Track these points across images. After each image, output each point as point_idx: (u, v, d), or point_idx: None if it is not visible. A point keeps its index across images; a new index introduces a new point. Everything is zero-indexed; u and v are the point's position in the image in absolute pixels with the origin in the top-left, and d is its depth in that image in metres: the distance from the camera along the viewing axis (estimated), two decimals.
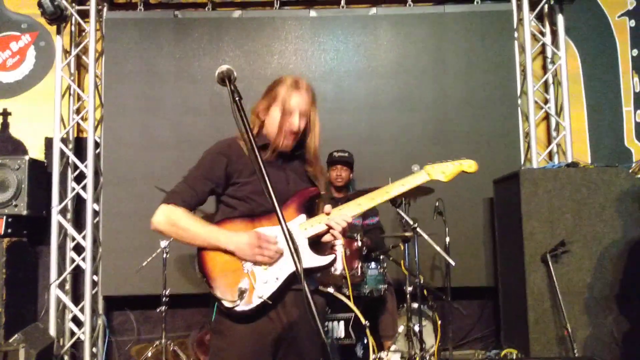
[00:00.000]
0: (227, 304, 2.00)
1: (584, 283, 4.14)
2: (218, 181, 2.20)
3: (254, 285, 2.02)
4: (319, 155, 2.33)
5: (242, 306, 2.01)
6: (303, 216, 2.16)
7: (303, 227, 2.13)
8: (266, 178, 1.68)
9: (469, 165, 2.47)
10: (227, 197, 2.22)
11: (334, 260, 2.15)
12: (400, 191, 2.24)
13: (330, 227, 2.11)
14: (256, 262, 2.04)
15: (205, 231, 2.10)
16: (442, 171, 2.40)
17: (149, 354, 4.39)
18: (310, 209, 2.24)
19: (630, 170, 4.48)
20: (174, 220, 2.11)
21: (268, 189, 1.67)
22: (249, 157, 2.13)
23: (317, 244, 2.17)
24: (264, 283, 2.03)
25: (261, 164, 1.67)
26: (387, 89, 5.28)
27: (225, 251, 2.06)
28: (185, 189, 2.18)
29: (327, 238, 2.15)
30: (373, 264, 4.09)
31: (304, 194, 2.22)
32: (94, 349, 5.04)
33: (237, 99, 1.77)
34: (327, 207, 2.16)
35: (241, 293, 2.00)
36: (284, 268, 2.06)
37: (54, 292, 4.96)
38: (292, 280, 2.07)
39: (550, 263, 4.06)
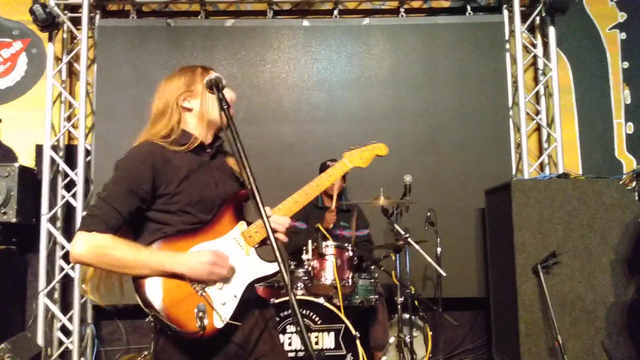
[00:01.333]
0: (190, 335, 1.80)
1: (575, 294, 4.13)
2: (144, 195, 1.90)
3: (213, 308, 1.85)
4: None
5: (207, 335, 1.82)
6: (243, 223, 2.01)
7: (247, 234, 1.99)
8: (258, 199, 1.65)
9: (380, 149, 2.46)
10: (155, 213, 1.94)
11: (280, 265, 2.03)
12: (328, 182, 2.19)
13: (274, 230, 1.96)
14: (211, 281, 1.86)
15: (145, 257, 1.81)
16: (360, 157, 2.35)
17: None
18: (242, 212, 2.07)
19: (620, 182, 4.50)
20: (104, 250, 1.79)
21: (256, 201, 1.65)
22: (175, 161, 1.97)
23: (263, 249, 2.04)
24: (223, 304, 1.87)
25: (250, 172, 1.64)
26: (379, 98, 5.29)
27: (171, 276, 1.83)
28: (108, 211, 1.84)
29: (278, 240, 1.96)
30: (364, 274, 4.07)
31: (236, 198, 2.04)
32: (83, 359, 4.98)
33: (225, 107, 1.75)
34: (267, 209, 2.00)
35: (201, 319, 1.78)
36: (240, 283, 1.92)
37: (43, 300, 4.91)
38: (247, 294, 1.94)
39: (541, 274, 4.06)
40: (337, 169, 2.26)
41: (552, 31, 5.32)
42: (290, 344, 3.46)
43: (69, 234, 5.15)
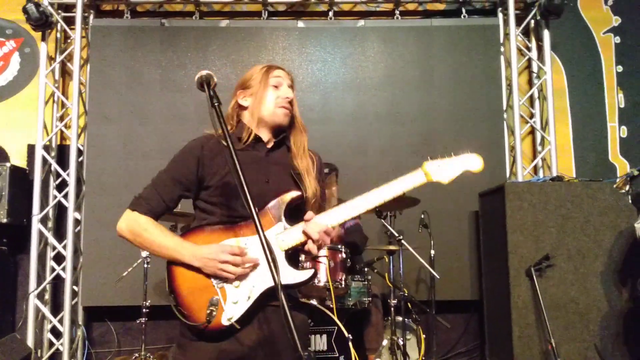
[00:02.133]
0: (194, 325, 1.87)
1: (568, 297, 4.13)
2: (189, 185, 2.03)
3: (223, 305, 1.86)
4: (307, 147, 2.18)
5: (210, 329, 1.86)
6: (281, 224, 1.95)
7: (280, 237, 1.93)
8: (245, 188, 1.61)
9: (473, 163, 2.13)
10: (202, 202, 2.04)
11: (314, 275, 1.94)
12: (396, 195, 2.02)
13: (308, 237, 1.90)
14: (220, 278, 1.88)
15: (169, 245, 1.93)
16: (445, 170, 2.08)
17: None
18: (294, 214, 1.99)
19: (614, 185, 4.50)
20: (137, 230, 1.97)
21: (247, 198, 1.61)
22: (219, 151, 2.00)
23: (297, 255, 2.03)
24: (234, 303, 1.86)
25: (239, 170, 1.62)
26: (374, 101, 5.28)
27: (191, 266, 1.91)
28: (153, 195, 2.01)
29: (307, 249, 1.94)
30: (357, 276, 4.05)
31: (284, 199, 1.99)
32: None
33: (215, 104, 1.73)
34: (309, 214, 1.94)
35: (210, 313, 1.83)
36: (257, 285, 1.88)
37: (33, 301, 4.86)
38: (265, 298, 1.90)
39: (534, 277, 4.05)
40: (409, 182, 2.05)
41: (546, 34, 5.33)
42: None
43: (60, 235, 5.12)
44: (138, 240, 1.98)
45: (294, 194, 2.01)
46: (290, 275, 1.90)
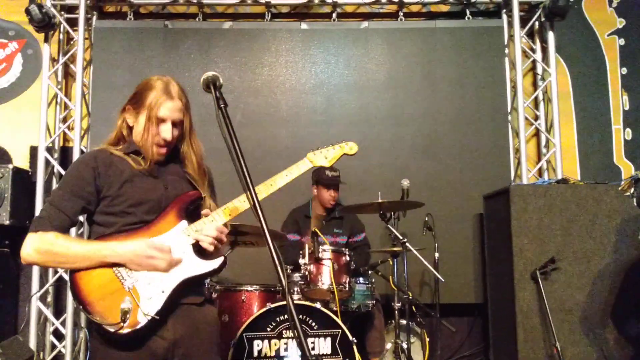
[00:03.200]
0: (110, 329, 1.82)
1: (574, 300, 4.09)
2: (89, 197, 2.00)
3: (137, 303, 1.87)
4: (202, 163, 2.21)
5: (127, 328, 1.83)
6: (184, 222, 2.02)
7: (186, 233, 2.00)
8: (253, 192, 1.61)
9: (350, 147, 2.37)
10: (100, 215, 2.02)
11: (224, 262, 2.02)
12: (284, 181, 2.13)
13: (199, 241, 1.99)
14: (153, 269, 1.90)
15: (87, 249, 1.90)
16: (325, 156, 2.29)
17: None
18: (194, 214, 2.08)
19: (619, 188, 4.48)
20: (46, 247, 1.89)
21: (254, 202, 1.60)
22: (118, 165, 2.05)
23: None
24: (149, 299, 1.88)
25: (246, 174, 1.61)
26: (377, 103, 5.26)
27: (110, 265, 1.89)
28: (53, 212, 1.95)
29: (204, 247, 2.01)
30: (361, 279, 4.02)
31: (183, 198, 2.07)
32: None
33: (222, 105, 1.71)
34: (206, 210, 2.05)
35: (124, 314, 1.81)
36: (170, 279, 1.93)
37: (35, 304, 4.85)
38: (179, 292, 1.95)
39: (539, 280, 4.02)
40: (297, 168, 2.21)
41: (551, 36, 5.31)
42: (286, 349, 3.41)
43: None
44: (50, 258, 1.92)
45: (194, 193, 2.11)
46: (201, 266, 1.98)
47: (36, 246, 1.89)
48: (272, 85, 5.26)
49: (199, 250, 2.01)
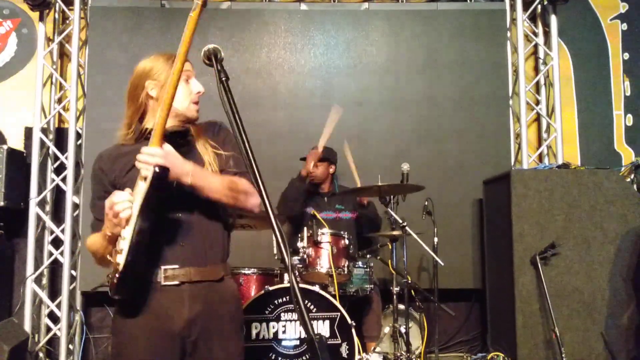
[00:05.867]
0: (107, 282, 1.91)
1: (573, 286, 4.08)
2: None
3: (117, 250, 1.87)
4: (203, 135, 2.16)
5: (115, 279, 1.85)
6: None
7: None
8: (255, 168, 1.56)
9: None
10: None
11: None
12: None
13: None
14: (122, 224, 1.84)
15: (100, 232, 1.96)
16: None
17: None
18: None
19: (620, 174, 4.45)
20: (89, 246, 2.05)
21: (256, 178, 1.55)
22: (127, 153, 2.02)
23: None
24: (119, 253, 1.86)
25: (249, 149, 1.56)
26: (377, 85, 5.20)
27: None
28: (95, 223, 2.07)
29: None
30: (360, 263, 4.00)
31: None
32: (71, 346, 4.89)
33: (223, 78, 1.65)
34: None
35: (114, 270, 1.86)
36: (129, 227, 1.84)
37: (30, 286, 4.80)
38: (197, 270, 1.96)
39: (539, 265, 4.00)
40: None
41: (553, 20, 5.25)
42: (284, 332, 3.39)
43: (58, 219, 5.05)
44: (98, 253, 2.01)
45: None
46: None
47: (89, 249, 2.08)
48: (270, 67, 5.19)
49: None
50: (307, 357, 3.35)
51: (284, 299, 3.42)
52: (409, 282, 4.16)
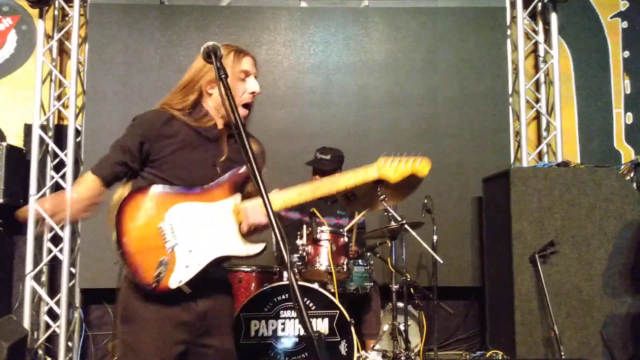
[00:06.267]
0: (140, 283, 1.86)
1: (572, 284, 4.08)
2: (133, 156, 2.02)
3: (174, 267, 1.86)
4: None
5: (157, 291, 1.86)
6: (238, 196, 2.00)
7: (236, 209, 1.96)
8: (254, 166, 1.55)
9: (422, 167, 2.18)
10: (149, 175, 2.03)
11: (264, 249, 1.99)
12: (344, 185, 2.03)
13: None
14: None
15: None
16: (395, 169, 2.14)
17: None
18: (241, 188, 2.07)
19: (620, 172, 4.45)
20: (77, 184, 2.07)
21: (255, 176, 1.55)
22: (178, 132, 2.00)
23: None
24: (185, 267, 1.88)
25: (248, 146, 1.57)
26: (377, 83, 5.20)
27: (147, 226, 1.90)
28: (106, 159, 2.06)
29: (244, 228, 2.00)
30: (359, 261, 3.99)
31: (242, 173, 2.04)
32: (70, 343, 4.89)
33: (222, 76, 1.65)
34: (274, 191, 2.02)
35: (159, 274, 1.83)
36: (209, 253, 1.91)
37: (29, 283, 4.80)
38: (212, 267, 1.94)
39: (538, 263, 4.00)
40: (361, 174, 2.09)
41: (554, 18, 5.24)
42: (283, 330, 3.39)
43: None
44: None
45: (244, 171, 2.06)
46: (241, 247, 1.95)
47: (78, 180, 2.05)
48: (270, 64, 5.18)
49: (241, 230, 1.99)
50: (306, 354, 3.35)
51: (283, 297, 3.42)
52: (408, 279, 4.15)
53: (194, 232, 1.91)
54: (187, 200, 1.93)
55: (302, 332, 3.39)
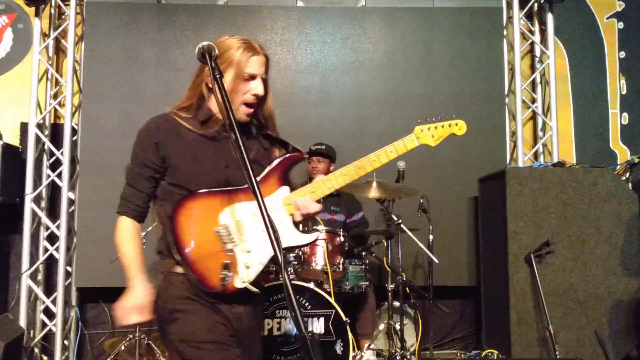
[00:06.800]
0: (207, 288, 1.85)
1: (568, 284, 4.10)
2: (157, 167, 1.98)
3: (236, 269, 1.86)
4: (275, 121, 2.18)
5: (226, 292, 1.86)
6: (286, 188, 1.99)
7: (286, 201, 1.96)
8: (247, 165, 1.56)
9: (459, 127, 2.30)
10: (169, 182, 2.00)
11: (317, 238, 2.01)
12: (387, 158, 2.09)
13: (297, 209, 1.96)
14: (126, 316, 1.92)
15: (126, 263, 2.00)
16: (432, 134, 2.21)
17: (122, 348, 4.26)
18: (287, 177, 2.06)
19: (615, 172, 4.46)
20: (117, 241, 2.01)
21: (249, 173, 1.56)
22: (185, 135, 1.98)
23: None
24: (247, 268, 1.87)
25: (241, 145, 1.56)
26: (373, 83, 5.20)
27: (203, 233, 1.88)
28: (129, 192, 2.01)
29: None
30: (355, 260, 4.00)
31: (286, 161, 2.03)
32: (66, 342, 4.89)
33: (217, 76, 1.65)
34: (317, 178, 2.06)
35: (223, 278, 1.83)
36: (267, 250, 1.88)
37: (26, 282, 4.79)
38: (271, 262, 1.95)
39: (534, 263, 4.01)
40: (400, 146, 2.12)
41: (550, 18, 5.25)
42: (279, 329, 3.40)
43: (53, 215, 5.04)
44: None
45: (299, 155, 2.08)
46: (296, 238, 1.96)
47: (117, 230, 2.01)
48: None
49: (294, 220, 1.99)
50: (301, 353, 3.36)
51: (279, 296, 3.43)
52: (404, 279, 4.17)
53: (249, 231, 1.90)
54: (237, 201, 1.91)
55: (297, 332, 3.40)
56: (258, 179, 1.94)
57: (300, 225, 2.01)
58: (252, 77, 1.98)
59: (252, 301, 2.01)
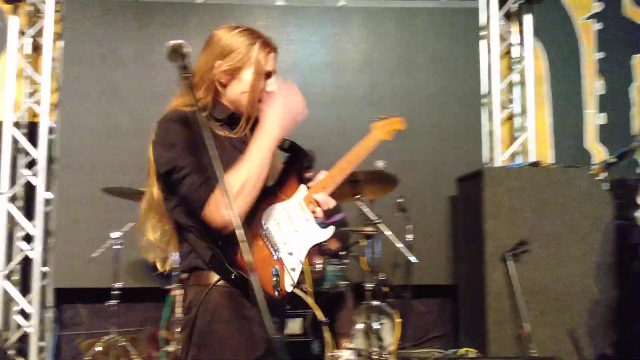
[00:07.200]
0: (267, 297, 1.71)
1: (543, 283, 4.14)
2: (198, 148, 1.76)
3: (284, 274, 1.80)
4: None
5: (282, 297, 1.79)
6: (304, 187, 1.96)
7: (307, 199, 1.93)
8: (219, 166, 1.52)
9: (400, 122, 2.31)
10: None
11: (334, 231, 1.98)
12: (364, 155, 2.13)
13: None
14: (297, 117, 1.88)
15: (251, 156, 1.74)
16: (387, 130, 2.26)
17: (98, 350, 4.22)
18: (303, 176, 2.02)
19: (591, 172, 4.51)
20: (231, 195, 1.59)
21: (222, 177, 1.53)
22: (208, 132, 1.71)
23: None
24: (292, 270, 1.81)
25: (213, 145, 1.54)
26: (354, 83, 5.21)
27: (251, 237, 1.74)
28: (197, 176, 1.72)
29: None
30: (334, 260, 4.00)
31: (299, 161, 2.03)
32: (42, 343, 4.83)
33: (186, 75, 1.64)
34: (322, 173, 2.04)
35: (276, 284, 1.77)
36: (303, 248, 1.85)
37: (1, 283, 4.73)
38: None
39: (509, 262, 4.05)
40: (370, 141, 2.20)
41: (528, 19, 5.30)
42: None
43: (29, 214, 4.97)
44: (242, 196, 1.69)
45: (309, 153, 2.08)
46: (320, 234, 1.92)
47: (219, 207, 1.65)
48: None
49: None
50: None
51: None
52: (383, 278, 4.18)
53: (287, 233, 1.86)
54: (272, 203, 1.87)
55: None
56: (281, 179, 1.95)
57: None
58: (269, 74, 1.92)
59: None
